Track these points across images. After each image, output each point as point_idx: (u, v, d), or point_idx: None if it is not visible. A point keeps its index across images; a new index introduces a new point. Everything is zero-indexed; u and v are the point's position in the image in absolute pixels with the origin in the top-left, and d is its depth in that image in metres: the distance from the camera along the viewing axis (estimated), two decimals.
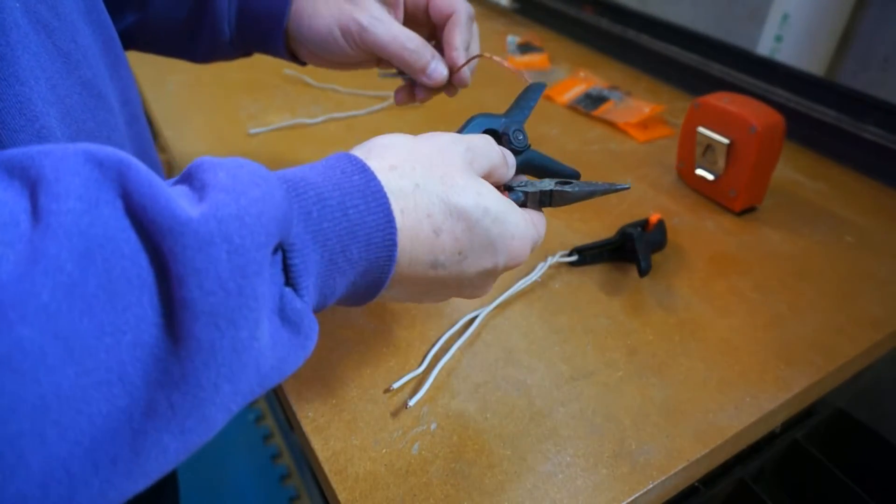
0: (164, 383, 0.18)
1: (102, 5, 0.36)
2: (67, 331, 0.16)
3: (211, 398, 0.19)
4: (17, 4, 0.27)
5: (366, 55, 0.42)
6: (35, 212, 0.17)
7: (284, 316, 0.23)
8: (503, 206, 0.30)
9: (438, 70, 0.41)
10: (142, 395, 0.18)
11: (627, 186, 0.36)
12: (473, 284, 0.31)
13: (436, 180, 0.28)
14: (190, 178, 0.22)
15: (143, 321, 0.18)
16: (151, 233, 0.18)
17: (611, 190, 0.35)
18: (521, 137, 0.36)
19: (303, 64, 0.47)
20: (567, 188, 0.34)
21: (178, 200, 0.19)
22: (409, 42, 0.40)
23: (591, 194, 0.35)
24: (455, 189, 0.28)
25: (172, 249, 0.18)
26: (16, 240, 0.16)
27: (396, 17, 0.42)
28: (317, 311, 0.26)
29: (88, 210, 0.18)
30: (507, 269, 0.32)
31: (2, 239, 0.16)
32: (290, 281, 0.23)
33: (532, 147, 0.37)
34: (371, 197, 0.26)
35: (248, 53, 0.48)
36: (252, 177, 0.22)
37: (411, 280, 0.29)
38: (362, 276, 0.26)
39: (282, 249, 0.23)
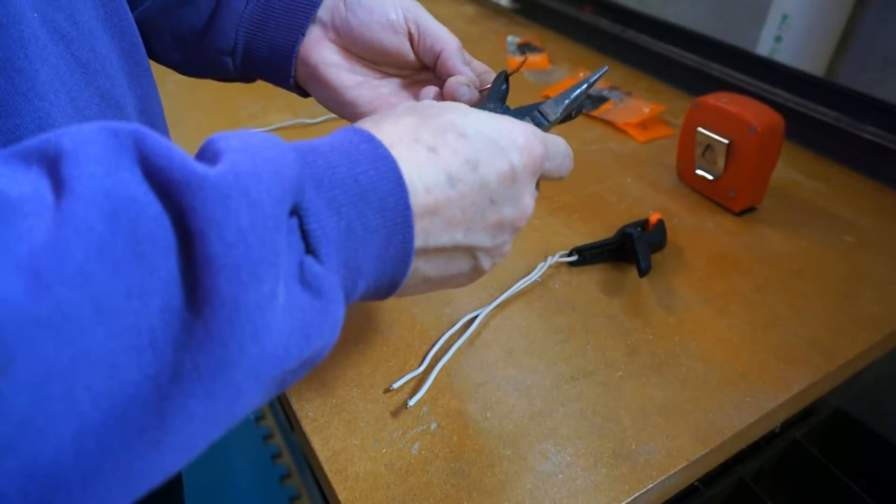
0: (188, 344, 0.18)
1: (127, 10, 0.35)
2: (100, 292, 0.16)
3: (237, 359, 0.19)
4: (35, 15, 0.26)
5: (404, 58, 0.41)
6: (58, 182, 0.17)
7: (304, 281, 0.22)
8: (485, 112, 0.30)
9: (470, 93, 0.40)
10: (170, 361, 0.18)
11: (605, 69, 0.37)
12: (506, 198, 0.29)
13: (412, 117, 0.29)
14: (203, 154, 0.22)
15: (171, 284, 0.18)
16: (171, 192, 0.18)
17: (590, 82, 0.36)
18: (491, 107, 0.37)
19: (304, 95, 0.45)
20: (549, 102, 0.36)
21: (195, 161, 0.20)
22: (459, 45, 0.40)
23: (576, 97, 0.36)
24: (432, 114, 0.29)
25: (192, 204, 0.18)
26: (43, 209, 0.17)
27: None
28: (350, 294, 0.26)
29: (109, 174, 0.18)
30: (526, 168, 0.30)
31: (30, 210, 0.16)
32: (309, 249, 0.23)
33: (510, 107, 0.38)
34: (381, 162, 0.25)
35: (248, 77, 0.46)
36: (264, 141, 0.22)
37: (440, 214, 0.27)
38: (386, 246, 0.26)
39: (297, 215, 0.23)
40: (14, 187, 0.17)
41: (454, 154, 0.28)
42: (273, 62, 0.43)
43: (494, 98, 0.38)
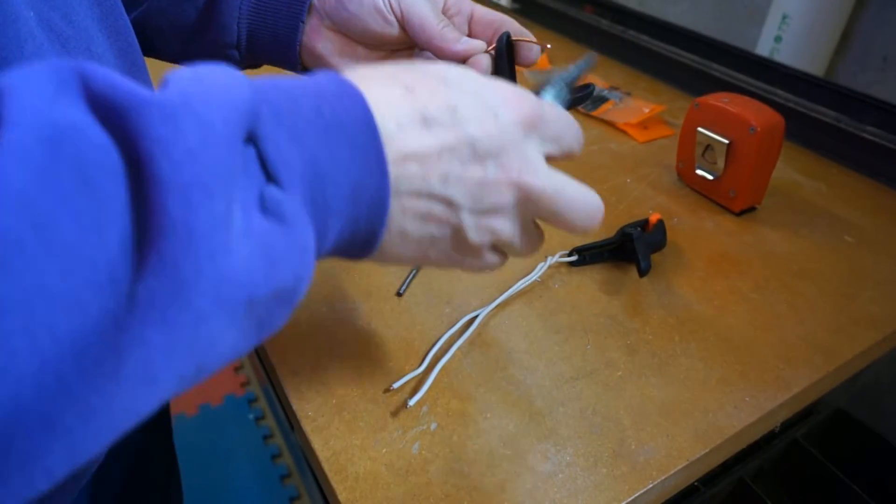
0: (141, 272, 0.17)
1: (122, 10, 0.35)
2: (45, 219, 0.16)
3: (192, 280, 0.18)
4: (32, 14, 0.26)
5: (398, 36, 0.41)
6: None
7: (265, 209, 0.21)
8: (469, 68, 0.29)
9: (472, 43, 0.39)
10: (127, 292, 0.17)
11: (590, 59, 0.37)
12: (491, 153, 0.26)
13: (394, 66, 0.27)
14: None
15: (124, 215, 0.17)
16: (115, 117, 0.18)
17: (580, 70, 0.36)
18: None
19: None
20: (548, 88, 0.36)
21: (142, 88, 0.19)
22: (448, 27, 0.39)
23: (569, 78, 0.36)
24: (416, 65, 0.28)
25: (137, 126, 0.18)
26: None
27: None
28: (323, 236, 0.24)
29: (49, 102, 0.17)
30: (516, 124, 0.27)
31: None
32: (270, 178, 0.22)
33: None
34: (347, 98, 0.24)
35: (255, 64, 0.47)
36: (215, 68, 0.21)
37: (414, 157, 0.25)
38: (358, 185, 0.24)
39: (255, 146, 0.22)
40: None
41: (432, 95, 0.26)
42: (278, 50, 0.43)
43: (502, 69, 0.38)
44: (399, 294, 0.51)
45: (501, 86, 0.28)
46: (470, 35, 0.42)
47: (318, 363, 0.44)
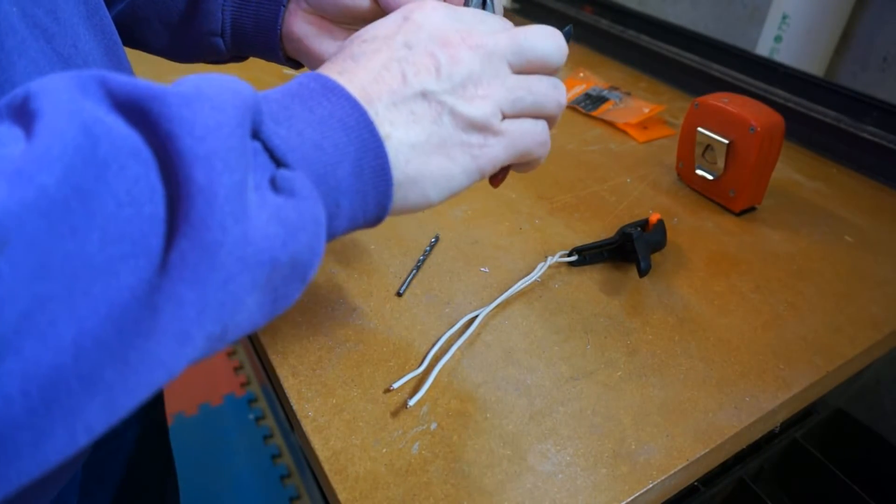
0: (174, 238, 0.19)
1: (105, 9, 0.35)
2: (86, 186, 0.17)
3: (220, 239, 0.19)
4: (14, 9, 0.27)
5: (371, 9, 0.41)
6: (29, 116, 0.18)
7: (276, 188, 0.23)
8: None
9: None
10: (159, 260, 0.19)
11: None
12: (419, 40, 0.28)
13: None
14: None
15: (155, 192, 0.19)
16: (137, 109, 0.20)
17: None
18: None
19: (296, 66, 0.47)
20: None
21: (157, 84, 0.21)
22: None
23: None
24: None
25: (160, 112, 0.19)
26: (18, 139, 0.18)
27: None
28: (335, 217, 0.25)
29: (78, 102, 0.19)
30: (434, 20, 0.29)
31: (4, 141, 0.17)
32: (279, 164, 0.24)
33: None
34: (332, 94, 0.26)
35: (240, 55, 0.47)
36: (220, 74, 0.24)
37: (372, 81, 0.27)
38: (359, 164, 0.26)
39: (259, 140, 0.24)
40: None
41: (351, 40, 0.29)
42: (260, 37, 0.44)
43: None
44: (399, 294, 0.51)
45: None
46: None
47: (318, 363, 0.44)
